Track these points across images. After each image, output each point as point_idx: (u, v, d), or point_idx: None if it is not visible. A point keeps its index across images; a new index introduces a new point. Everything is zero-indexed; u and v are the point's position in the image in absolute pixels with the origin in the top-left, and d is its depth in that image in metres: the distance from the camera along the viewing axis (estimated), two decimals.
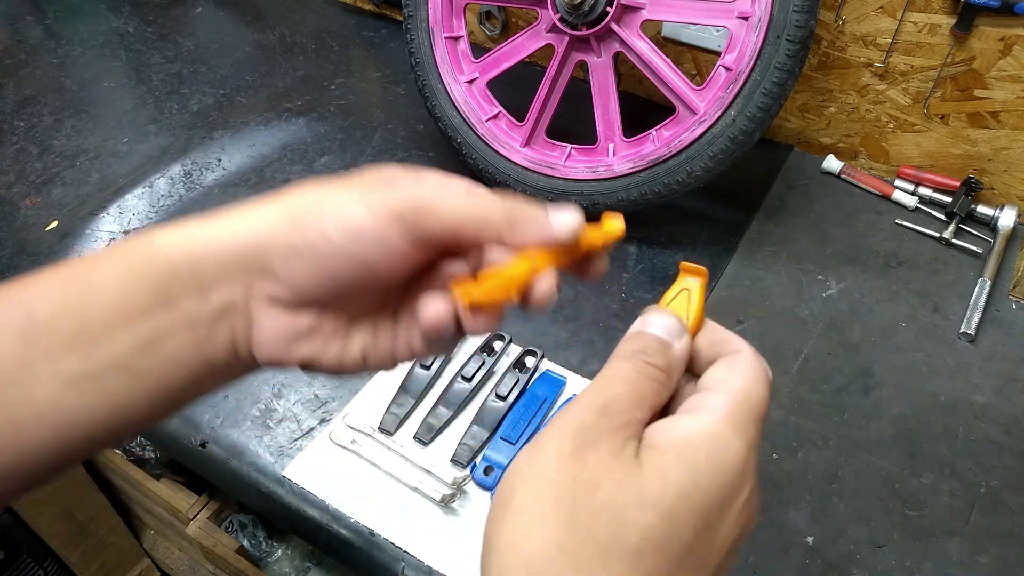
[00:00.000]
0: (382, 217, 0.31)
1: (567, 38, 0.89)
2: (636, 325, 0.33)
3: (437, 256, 0.34)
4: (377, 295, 0.35)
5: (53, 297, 0.30)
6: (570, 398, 0.77)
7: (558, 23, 0.87)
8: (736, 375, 0.31)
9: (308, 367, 0.35)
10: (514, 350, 0.80)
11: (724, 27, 0.82)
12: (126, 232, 0.97)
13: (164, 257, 0.31)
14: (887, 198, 1.00)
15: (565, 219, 0.32)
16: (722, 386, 0.30)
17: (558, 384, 0.77)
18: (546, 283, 0.33)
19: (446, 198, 0.31)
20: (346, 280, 0.32)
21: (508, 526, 0.26)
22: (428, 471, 0.70)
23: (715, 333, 0.33)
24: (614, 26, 0.86)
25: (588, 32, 0.87)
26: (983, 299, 0.86)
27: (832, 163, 1.04)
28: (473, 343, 0.80)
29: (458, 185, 0.32)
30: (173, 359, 0.31)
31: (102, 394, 0.30)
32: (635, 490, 0.26)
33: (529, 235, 0.32)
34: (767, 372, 0.31)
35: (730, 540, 0.28)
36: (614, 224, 0.33)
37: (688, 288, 0.34)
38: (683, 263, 0.34)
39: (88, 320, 0.29)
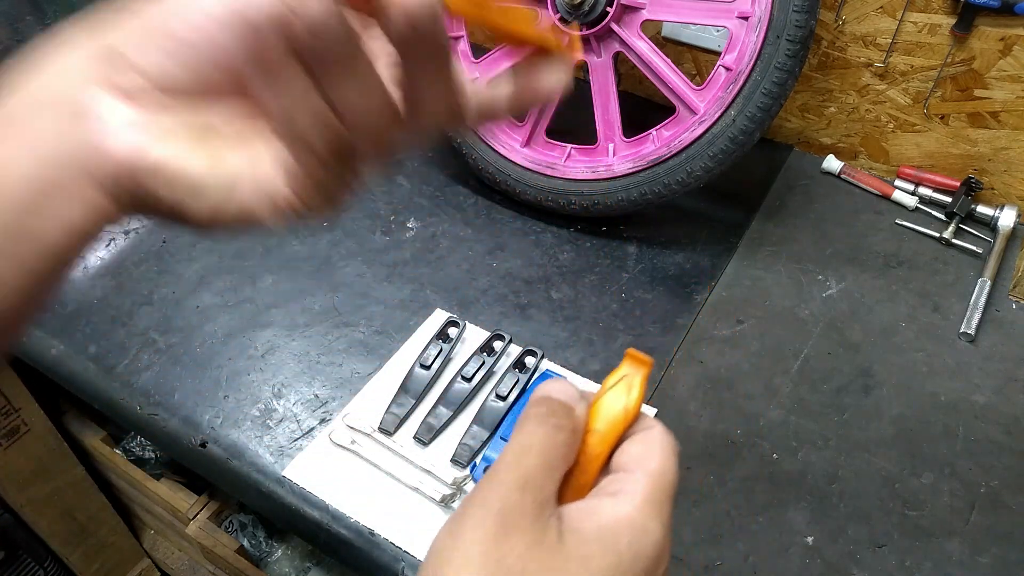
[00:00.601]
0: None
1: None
2: (538, 391, 0.33)
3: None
4: (229, 91, 0.27)
5: None
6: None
7: (558, 23, 0.87)
8: (651, 455, 0.31)
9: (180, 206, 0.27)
10: (514, 350, 0.80)
11: (724, 27, 0.82)
12: (126, 233, 0.97)
13: None
14: (887, 198, 1.00)
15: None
16: (639, 466, 0.31)
17: None
18: (556, 71, 0.31)
19: None
20: (211, 56, 0.25)
21: None
22: (428, 471, 0.70)
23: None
24: (614, 26, 0.86)
25: (588, 32, 0.87)
26: (983, 299, 0.86)
27: (832, 163, 1.04)
28: (473, 343, 0.80)
29: None
30: None
31: None
32: None
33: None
34: (676, 447, 0.32)
35: None
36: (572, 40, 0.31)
37: (627, 375, 0.34)
38: (630, 350, 0.34)
39: None
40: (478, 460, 0.72)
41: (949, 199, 0.97)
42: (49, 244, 0.26)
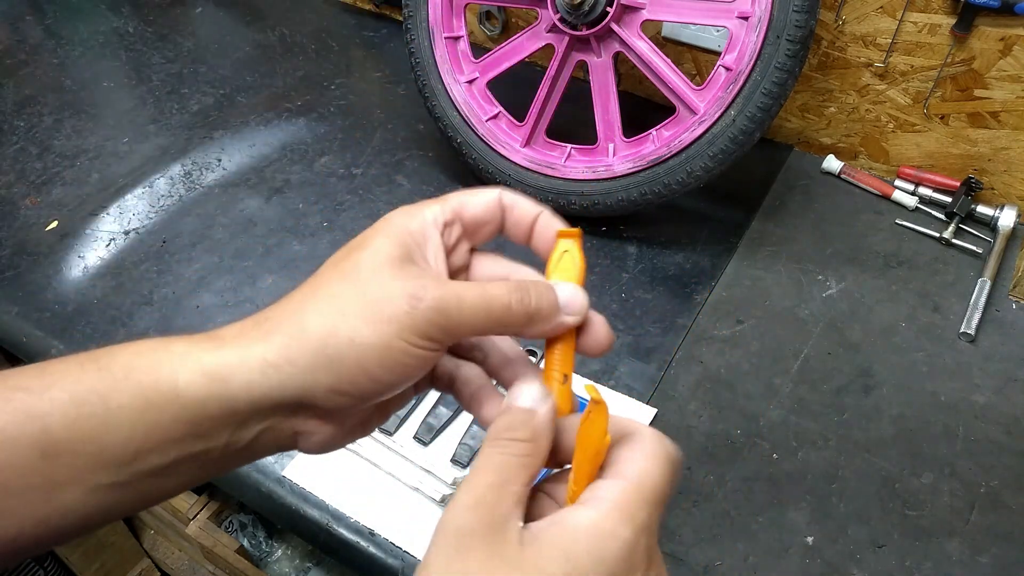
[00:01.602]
0: (415, 342, 0.32)
1: (567, 38, 0.89)
2: (503, 404, 0.34)
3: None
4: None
5: (69, 417, 0.29)
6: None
7: (558, 23, 0.87)
8: (632, 460, 0.31)
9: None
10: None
11: (724, 27, 0.82)
12: (126, 233, 0.97)
13: (191, 397, 0.31)
14: (887, 198, 1.00)
15: (574, 305, 0.35)
16: (617, 472, 0.31)
17: None
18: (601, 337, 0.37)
19: (470, 303, 0.32)
20: (388, 394, 0.33)
21: None
22: (428, 471, 0.70)
23: (620, 421, 0.34)
24: (614, 26, 0.86)
25: (588, 32, 0.87)
26: (983, 299, 0.86)
27: (832, 163, 1.04)
28: None
29: (475, 286, 0.33)
30: (207, 468, 0.33)
31: (133, 494, 0.31)
32: None
33: (548, 328, 0.35)
34: (670, 452, 0.32)
35: None
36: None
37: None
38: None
39: (110, 446, 0.30)
40: None
41: (949, 199, 0.97)
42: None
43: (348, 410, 0.34)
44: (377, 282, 0.32)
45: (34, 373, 0.30)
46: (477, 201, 0.37)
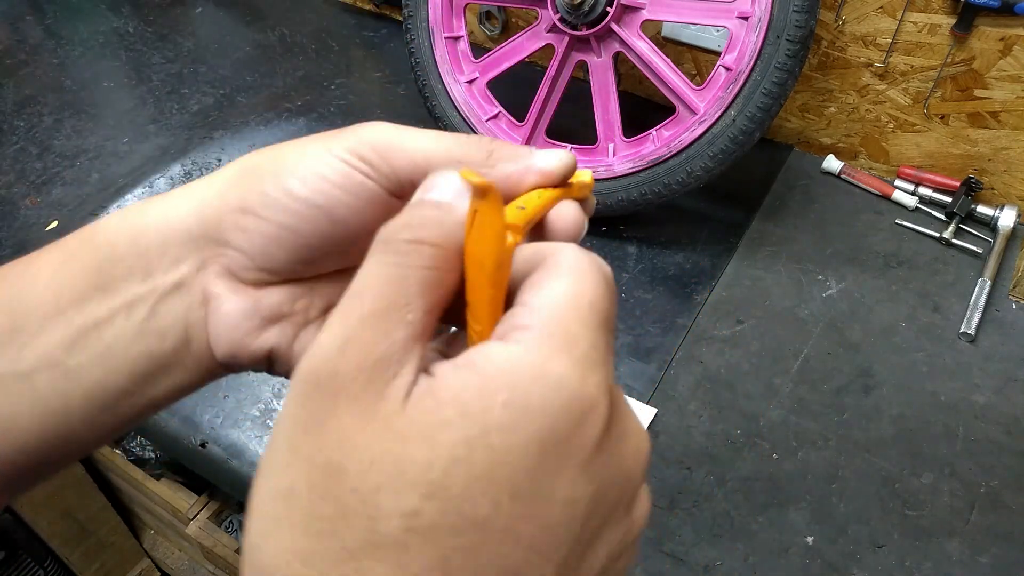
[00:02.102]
0: (345, 160, 0.27)
1: (567, 38, 0.89)
2: (414, 196, 0.24)
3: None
4: (346, 261, 0.29)
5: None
6: None
7: (558, 23, 0.87)
8: (556, 280, 0.21)
9: (275, 364, 0.29)
10: None
11: (724, 27, 0.82)
12: None
13: (104, 238, 0.27)
14: (887, 198, 1.00)
15: (551, 155, 0.27)
16: (540, 296, 0.21)
17: None
18: (571, 210, 0.27)
19: (413, 135, 0.27)
20: (313, 238, 0.27)
21: (248, 531, 0.20)
22: None
23: (528, 248, 0.24)
24: (614, 26, 0.86)
25: (588, 32, 0.87)
26: (983, 299, 0.86)
27: (832, 163, 1.04)
28: None
29: (427, 130, 0.28)
30: (110, 352, 0.26)
31: (32, 396, 0.26)
32: (391, 465, 0.18)
33: (511, 169, 0.26)
34: (598, 262, 0.23)
35: (603, 506, 0.20)
36: (584, 176, 0.29)
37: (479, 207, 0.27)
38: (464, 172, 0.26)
39: (21, 315, 0.26)
40: None
41: (949, 199, 0.97)
42: (154, 400, 0.28)
43: (264, 260, 0.27)
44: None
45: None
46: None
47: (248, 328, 0.28)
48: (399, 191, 0.27)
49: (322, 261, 0.28)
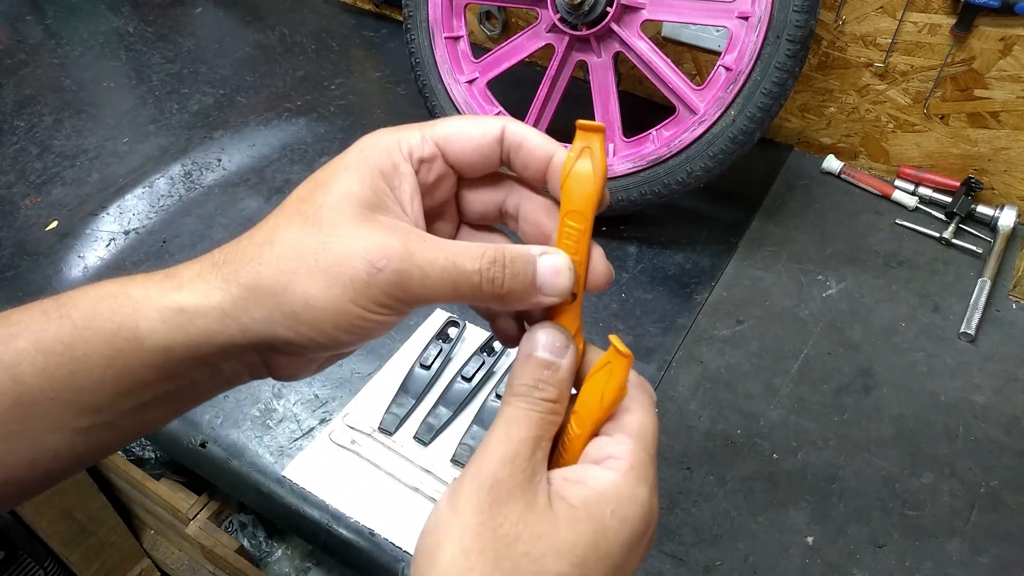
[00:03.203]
0: (371, 308, 0.30)
1: (567, 38, 0.89)
2: (523, 346, 0.33)
3: None
4: None
5: (37, 366, 0.30)
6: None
7: (558, 23, 0.87)
8: (630, 415, 0.33)
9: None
10: (514, 350, 0.80)
11: (724, 27, 0.82)
12: (126, 233, 0.97)
13: (155, 343, 0.30)
14: (887, 198, 1.00)
15: (556, 283, 0.33)
16: (623, 429, 0.32)
17: None
18: (603, 266, 0.35)
19: (431, 275, 0.30)
20: (350, 348, 0.33)
21: None
22: (428, 471, 0.70)
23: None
24: (614, 26, 0.86)
25: (588, 32, 0.87)
26: (983, 299, 0.86)
27: (832, 163, 1.04)
28: (472, 343, 0.80)
29: (435, 256, 0.31)
30: (186, 401, 0.33)
31: (117, 431, 0.32)
32: (551, 542, 0.29)
33: (519, 308, 0.35)
34: (651, 394, 0.34)
35: (636, 568, 0.32)
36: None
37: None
38: (612, 338, 0.32)
39: (84, 392, 0.30)
40: None
41: (949, 199, 0.97)
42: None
43: (309, 355, 0.34)
44: (338, 236, 0.30)
45: None
46: (469, 140, 0.33)
47: (304, 369, 0.35)
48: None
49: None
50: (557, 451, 0.34)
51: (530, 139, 0.33)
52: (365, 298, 0.30)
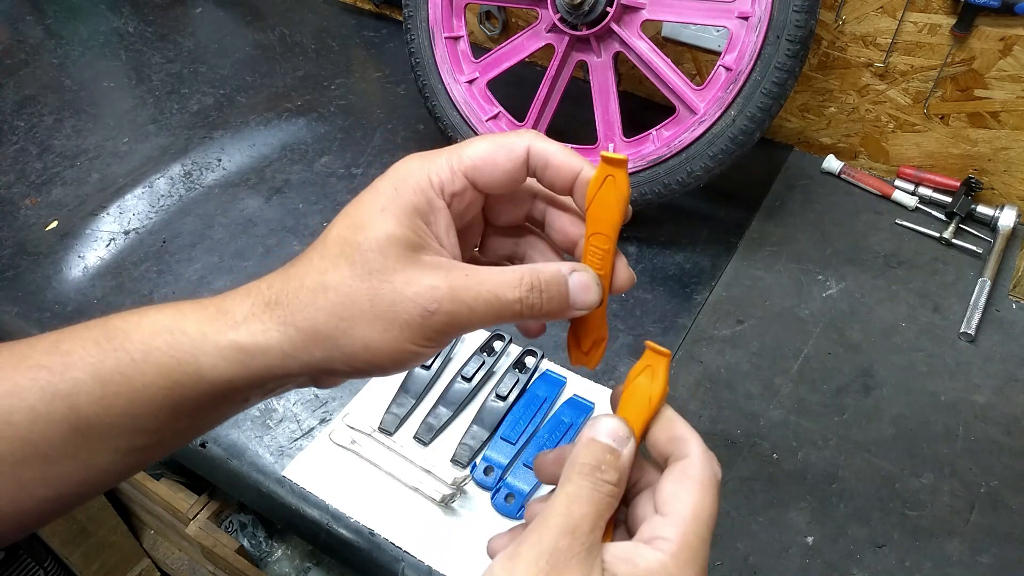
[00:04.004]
0: (423, 343, 0.33)
1: (567, 38, 0.89)
2: (587, 431, 0.34)
3: None
4: None
5: (95, 395, 0.31)
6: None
7: (558, 23, 0.87)
8: (686, 494, 0.33)
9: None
10: (514, 350, 0.80)
11: (724, 27, 0.82)
12: (126, 233, 0.97)
13: (216, 377, 0.32)
14: (887, 198, 1.00)
15: (586, 298, 0.36)
16: (674, 510, 0.32)
17: (558, 384, 0.77)
18: (625, 273, 0.38)
19: (477, 309, 0.33)
20: (395, 373, 0.36)
21: None
22: (428, 471, 0.70)
23: (671, 428, 0.35)
24: (614, 26, 0.86)
25: (588, 32, 0.87)
26: (983, 299, 0.86)
27: (832, 163, 1.04)
28: (472, 343, 0.80)
29: (488, 286, 0.33)
30: (230, 416, 0.35)
31: (163, 449, 0.34)
32: None
33: (553, 318, 0.36)
34: (716, 476, 0.34)
35: None
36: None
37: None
38: (649, 343, 0.36)
39: (140, 418, 0.32)
40: (478, 460, 0.72)
41: (949, 199, 0.97)
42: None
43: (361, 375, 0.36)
44: (388, 282, 0.32)
45: (49, 350, 0.32)
46: (495, 167, 0.35)
47: (346, 379, 0.37)
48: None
49: None
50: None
51: (556, 157, 0.35)
52: (420, 336, 0.33)
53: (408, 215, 0.33)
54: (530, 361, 0.78)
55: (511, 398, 0.75)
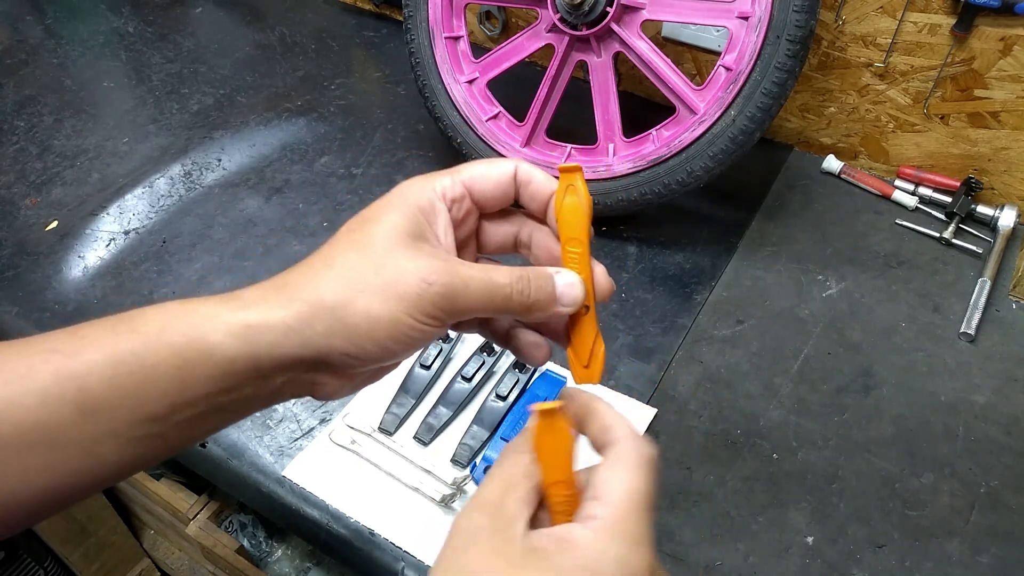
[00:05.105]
0: (421, 319, 0.35)
1: (567, 38, 0.89)
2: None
3: None
4: None
5: (106, 376, 0.32)
6: None
7: (558, 23, 0.87)
8: (615, 476, 0.34)
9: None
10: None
11: (724, 27, 0.82)
12: (126, 233, 0.97)
13: (222, 355, 0.33)
14: (887, 198, 1.00)
15: (570, 294, 0.39)
16: (606, 491, 0.34)
17: (558, 384, 0.77)
18: (605, 282, 0.41)
19: (471, 288, 0.35)
20: (391, 360, 0.37)
21: None
22: (428, 471, 0.70)
23: (601, 419, 0.37)
24: (614, 26, 0.86)
25: (588, 32, 0.87)
26: (983, 299, 0.86)
27: (832, 163, 1.04)
28: (472, 343, 0.80)
29: (482, 274, 0.36)
30: (233, 416, 0.36)
31: (165, 443, 0.34)
32: None
33: (541, 318, 0.39)
34: (646, 455, 0.35)
35: None
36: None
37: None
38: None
39: (147, 402, 0.33)
40: (478, 460, 0.72)
41: (949, 199, 0.97)
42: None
43: (357, 368, 0.37)
44: (391, 259, 0.35)
45: (65, 337, 0.33)
46: (489, 179, 0.40)
47: (344, 388, 0.38)
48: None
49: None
50: (556, 503, 0.36)
51: (536, 177, 0.40)
52: (417, 310, 0.34)
53: (412, 211, 0.37)
54: None
55: (511, 398, 0.75)
